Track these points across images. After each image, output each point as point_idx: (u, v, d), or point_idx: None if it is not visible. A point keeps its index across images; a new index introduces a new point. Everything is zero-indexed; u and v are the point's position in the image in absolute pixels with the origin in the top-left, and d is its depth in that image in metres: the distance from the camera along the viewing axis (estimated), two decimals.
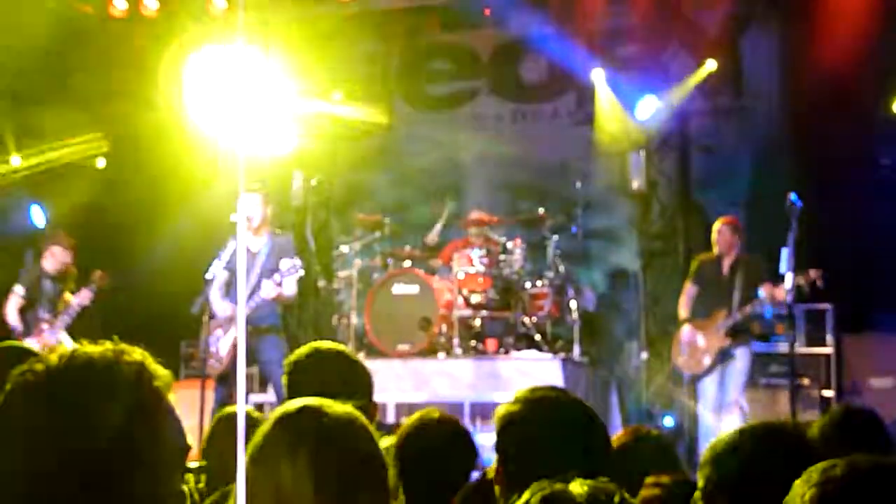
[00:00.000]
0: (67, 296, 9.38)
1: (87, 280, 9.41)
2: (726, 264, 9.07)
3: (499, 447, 2.65)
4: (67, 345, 8.43)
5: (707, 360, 8.99)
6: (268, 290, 7.72)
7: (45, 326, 9.16)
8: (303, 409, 2.08)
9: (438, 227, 11.00)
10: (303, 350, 3.64)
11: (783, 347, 9.35)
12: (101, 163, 12.41)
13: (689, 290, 9.28)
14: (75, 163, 12.07)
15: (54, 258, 9.45)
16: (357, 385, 3.32)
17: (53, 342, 9.06)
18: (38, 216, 11.92)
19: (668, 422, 9.88)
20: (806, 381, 9.85)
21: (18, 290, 9.31)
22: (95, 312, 9.50)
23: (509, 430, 2.64)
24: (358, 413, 2.10)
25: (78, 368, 1.57)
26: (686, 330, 9.16)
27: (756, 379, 9.71)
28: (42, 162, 11.79)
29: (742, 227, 9.13)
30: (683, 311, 9.25)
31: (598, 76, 11.35)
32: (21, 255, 11.80)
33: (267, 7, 11.06)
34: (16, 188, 11.71)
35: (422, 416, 3.49)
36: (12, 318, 9.25)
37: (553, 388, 2.80)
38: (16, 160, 11.76)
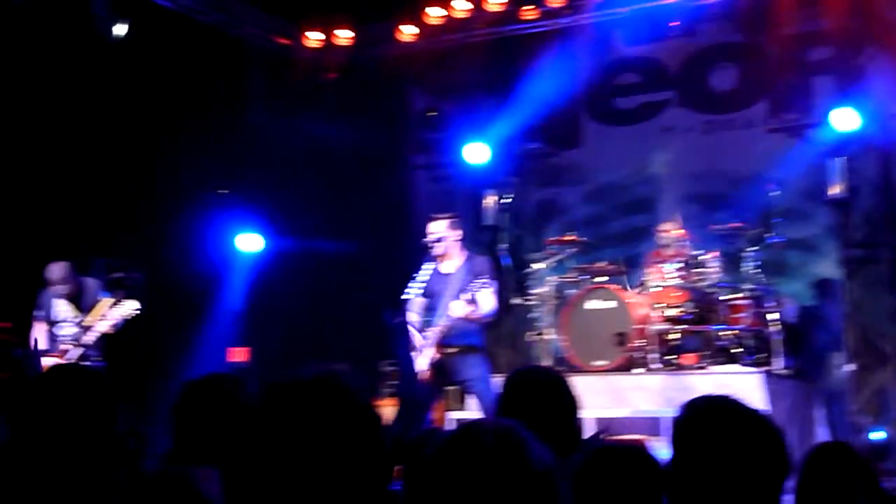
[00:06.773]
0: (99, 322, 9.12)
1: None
2: None
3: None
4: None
5: None
6: (458, 310, 7.65)
7: (68, 348, 8.99)
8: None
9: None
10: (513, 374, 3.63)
11: None
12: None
13: None
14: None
15: (67, 284, 9.19)
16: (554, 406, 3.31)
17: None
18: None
19: (877, 436, 9.53)
20: None
21: (37, 314, 9.21)
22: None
23: (676, 437, 2.63)
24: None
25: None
26: None
27: None
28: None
29: None
30: None
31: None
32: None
33: None
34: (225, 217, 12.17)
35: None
36: (41, 341, 9.14)
37: (724, 398, 2.71)
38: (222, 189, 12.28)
